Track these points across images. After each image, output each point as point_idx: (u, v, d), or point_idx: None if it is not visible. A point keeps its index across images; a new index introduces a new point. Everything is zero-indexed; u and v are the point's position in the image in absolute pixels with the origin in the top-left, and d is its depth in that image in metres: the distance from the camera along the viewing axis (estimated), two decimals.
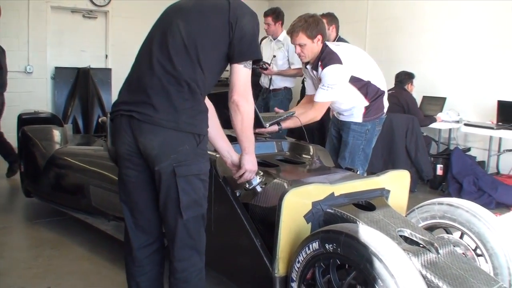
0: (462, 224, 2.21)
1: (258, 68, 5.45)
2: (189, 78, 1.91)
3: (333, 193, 2.17)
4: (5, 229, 3.84)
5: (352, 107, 3.50)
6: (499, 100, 5.50)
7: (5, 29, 5.17)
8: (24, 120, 4.62)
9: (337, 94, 3.35)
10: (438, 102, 6.15)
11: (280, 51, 5.47)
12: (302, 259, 1.93)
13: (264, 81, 5.60)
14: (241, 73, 2.02)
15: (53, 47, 7.45)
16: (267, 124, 3.07)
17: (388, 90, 5.70)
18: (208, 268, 2.12)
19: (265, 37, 5.76)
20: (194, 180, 1.95)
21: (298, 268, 1.96)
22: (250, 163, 2.23)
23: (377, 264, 1.62)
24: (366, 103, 3.46)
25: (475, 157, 5.66)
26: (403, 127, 5.34)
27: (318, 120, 3.48)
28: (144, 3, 7.78)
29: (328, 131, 3.94)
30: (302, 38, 3.25)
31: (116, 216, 3.27)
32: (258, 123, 2.91)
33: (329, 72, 3.26)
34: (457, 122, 5.85)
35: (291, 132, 6.28)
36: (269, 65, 5.38)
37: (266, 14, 5.45)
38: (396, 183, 2.50)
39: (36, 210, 4.27)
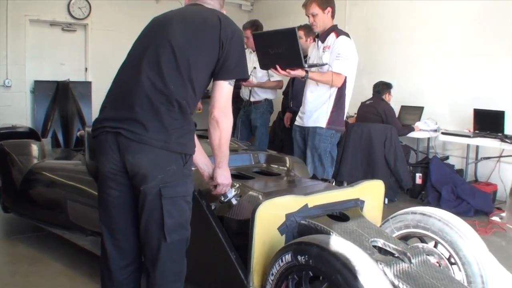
0: (435, 233, 2.24)
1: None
2: (180, 97, 1.90)
3: (306, 205, 2.18)
4: None
5: (318, 108, 3.73)
6: (475, 108, 5.59)
7: None
8: (2, 135, 4.56)
9: (352, 70, 3.71)
10: (416, 112, 6.22)
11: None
12: (276, 271, 1.95)
13: (244, 93, 5.61)
14: (224, 90, 2.03)
15: (32, 60, 7.39)
16: (306, 65, 3.46)
17: (366, 100, 5.83)
18: (185, 283, 2.11)
19: (245, 49, 5.77)
20: (180, 202, 1.94)
21: (272, 280, 1.97)
22: (223, 177, 2.24)
23: (348, 275, 1.64)
24: (330, 108, 3.70)
25: (453, 166, 5.73)
26: (382, 137, 5.37)
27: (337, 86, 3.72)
28: (123, 16, 7.81)
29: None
30: (315, 8, 3.68)
31: (94, 231, 3.24)
32: (299, 62, 3.34)
33: (344, 42, 3.65)
34: (435, 131, 5.92)
35: (272, 142, 6.36)
36: (249, 76, 5.38)
37: (245, 27, 5.46)
38: (371, 193, 2.53)
39: (14, 225, 4.21)
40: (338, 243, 1.77)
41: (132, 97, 1.88)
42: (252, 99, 5.50)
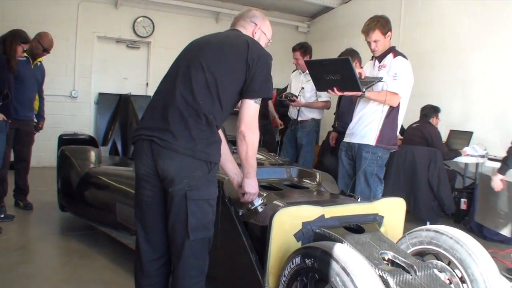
0: (446, 250, 2.32)
1: (287, 100, 5.65)
2: (207, 111, 2.14)
3: (323, 215, 2.34)
4: (40, 238, 4.20)
5: (367, 124, 3.77)
6: None
7: (54, 55, 5.65)
8: (64, 141, 5.01)
9: (408, 90, 3.77)
10: (465, 136, 6.17)
11: (308, 84, 5.51)
12: (287, 273, 2.12)
13: (292, 112, 5.78)
14: (251, 108, 2.24)
15: (97, 74, 7.98)
16: (364, 88, 3.51)
17: (413, 123, 5.87)
18: (211, 280, 2.32)
19: (295, 70, 5.96)
20: (203, 204, 2.16)
21: (284, 281, 2.15)
22: (250, 187, 2.44)
23: (344, 277, 1.80)
24: (380, 125, 3.72)
25: None
26: (426, 160, 5.38)
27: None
28: (184, 35, 8.15)
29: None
30: (378, 34, 3.74)
31: None
32: (356, 88, 3.45)
33: (401, 62, 3.72)
34: (483, 156, 5.85)
35: (321, 162, 6.48)
36: (297, 97, 5.55)
37: (294, 49, 5.64)
38: (391, 210, 2.64)
39: (69, 223, 4.61)
40: (340, 249, 1.92)
41: (166, 110, 2.15)
42: (299, 118, 5.66)
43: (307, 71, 5.54)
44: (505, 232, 4.75)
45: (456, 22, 6.55)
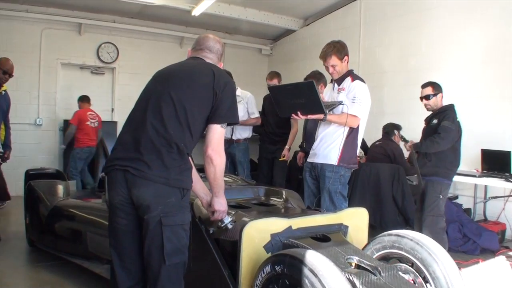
0: (408, 252, 2.45)
1: None
2: (178, 140, 2.24)
3: (290, 227, 2.44)
4: (10, 270, 4.10)
5: (329, 145, 3.86)
6: (483, 148, 5.73)
7: (18, 83, 5.59)
8: (31, 176, 4.98)
9: (366, 112, 3.88)
10: None
11: (240, 104, 5.81)
12: (259, 282, 2.20)
13: (226, 132, 5.98)
14: (217, 132, 2.36)
15: (62, 101, 7.92)
16: (327, 111, 3.61)
17: (376, 141, 6.05)
18: None
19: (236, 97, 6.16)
20: (178, 230, 2.24)
21: None
22: (219, 204, 2.53)
23: (313, 279, 1.89)
24: (341, 146, 3.82)
25: (461, 205, 5.83)
26: (390, 177, 5.55)
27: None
28: (149, 60, 8.28)
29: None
30: (334, 60, 3.85)
31: (110, 260, 3.49)
32: (320, 110, 3.55)
33: (359, 86, 3.82)
34: None
35: (288, 181, 6.59)
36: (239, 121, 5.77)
37: None
38: (354, 219, 2.78)
39: (39, 254, 4.49)
40: (308, 253, 2.02)
41: (138, 141, 2.23)
42: (234, 138, 6.01)
43: (236, 94, 5.82)
44: None
45: (415, 43, 6.84)
